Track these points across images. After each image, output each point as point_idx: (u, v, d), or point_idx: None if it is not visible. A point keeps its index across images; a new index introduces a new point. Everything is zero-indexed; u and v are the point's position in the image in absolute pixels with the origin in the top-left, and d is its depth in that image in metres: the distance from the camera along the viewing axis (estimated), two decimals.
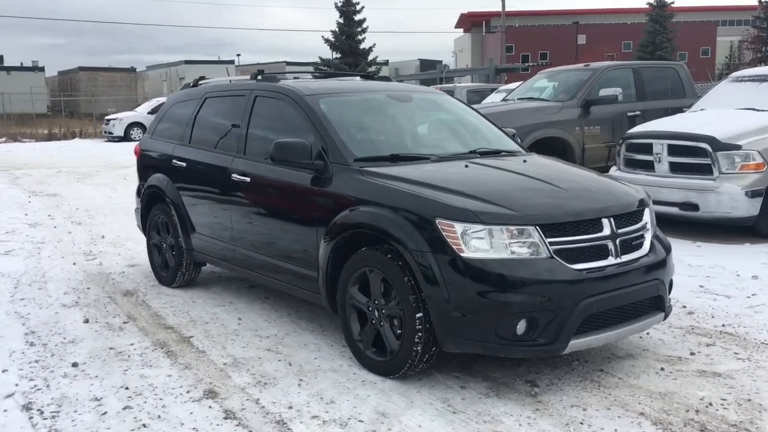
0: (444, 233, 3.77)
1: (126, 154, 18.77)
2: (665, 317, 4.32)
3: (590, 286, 3.81)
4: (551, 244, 3.79)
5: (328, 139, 4.57)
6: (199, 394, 3.95)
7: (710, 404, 3.73)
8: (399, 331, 4.00)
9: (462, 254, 3.73)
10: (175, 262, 6.10)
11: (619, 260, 3.97)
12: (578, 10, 70.25)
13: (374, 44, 40.01)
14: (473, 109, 5.74)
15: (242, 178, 5.14)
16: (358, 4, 39.41)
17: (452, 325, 3.79)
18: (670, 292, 4.44)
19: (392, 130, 5.07)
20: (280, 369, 4.30)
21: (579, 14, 67.65)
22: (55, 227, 9.48)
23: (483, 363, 4.26)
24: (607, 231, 3.97)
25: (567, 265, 3.78)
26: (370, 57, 40.05)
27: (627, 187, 4.53)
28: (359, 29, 39.51)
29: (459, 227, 3.75)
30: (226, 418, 3.65)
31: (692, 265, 6.73)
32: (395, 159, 4.55)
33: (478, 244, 3.74)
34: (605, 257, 3.94)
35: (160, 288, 6.25)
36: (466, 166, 4.51)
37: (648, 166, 8.52)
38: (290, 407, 3.77)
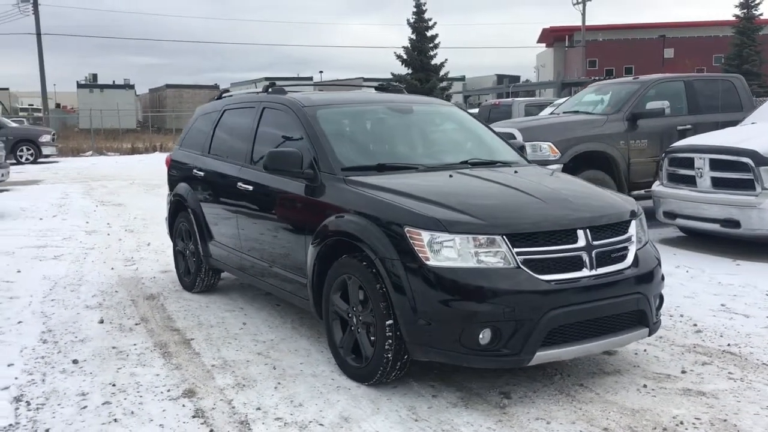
0: (412, 241, 3.80)
1: None
2: (650, 333, 4.20)
3: (558, 298, 3.76)
4: (519, 254, 3.76)
5: (320, 149, 4.68)
6: (178, 393, 4.10)
7: (681, 423, 3.60)
8: (372, 338, 4.05)
9: (428, 262, 3.75)
10: (195, 268, 6.33)
11: (594, 272, 3.90)
12: (665, 24, 68.17)
13: (446, 60, 40.16)
14: (482, 122, 5.73)
15: (246, 186, 5.31)
16: (430, 20, 39.66)
17: (419, 334, 3.81)
18: (659, 307, 4.32)
19: (386, 141, 5.14)
20: (264, 372, 4.41)
21: (666, 27, 65.67)
22: (108, 234, 9.95)
23: (462, 373, 4.25)
24: (581, 242, 3.90)
25: (535, 275, 3.74)
26: (442, 72, 40.11)
27: (614, 199, 4.44)
28: (431, 45, 39.67)
29: (426, 236, 3.77)
30: (194, 417, 3.78)
31: (722, 283, 6.48)
32: (382, 169, 4.61)
33: (445, 252, 3.76)
34: (579, 269, 3.88)
35: (181, 293, 6.48)
36: (451, 176, 4.53)
37: (690, 181, 8.25)
38: (258, 408, 3.87)
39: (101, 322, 5.54)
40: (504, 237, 3.76)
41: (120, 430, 3.62)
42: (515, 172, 4.77)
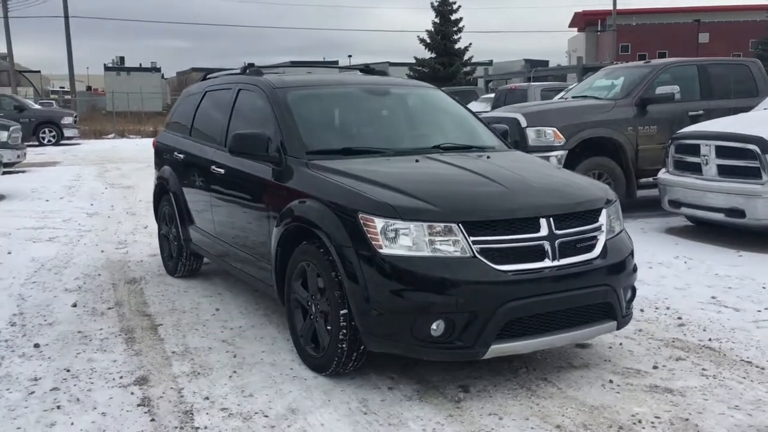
0: (365, 228, 3.66)
1: None
2: (619, 326, 4.02)
3: (516, 289, 3.60)
4: (476, 243, 3.60)
5: (286, 132, 4.56)
6: (131, 380, 4.02)
7: (639, 421, 3.43)
8: (329, 328, 3.93)
9: (380, 250, 3.61)
10: (176, 252, 6.25)
11: (556, 263, 3.72)
12: (701, 7, 66.65)
13: (470, 44, 39.73)
14: (464, 106, 5.53)
15: (218, 170, 5.20)
16: (454, 3, 39.15)
17: (372, 324, 3.68)
18: (631, 299, 4.14)
19: (357, 124, 4.99)
20: (222, 360, 4.32)
21: (701, 11, 64.25)
22: (109, 217, 9.94)
23: (424, 365, 4.10)
24: (544, 231, 3.73)
25: (491, 265, 3.58)
26: (466, 57, 39.66)
27: (586, 187, 4.25)
28: (455, 29, 39.22)
29: (380, 222, 3.63)
30: (139, 405, 3.69)
31: (719, 274, 6.24)
32: (348, 153, 4.47)
33: (398, 240, 3.61)
34: (540, 259, 3.71)
35: (164, 277, 6.42)
36: (417, 161, 4.37)
37: (696, 169, 7.98)
38: (206, 398, 3.77)
39: (74, 305, 5.49)
40: (460, 225, 3.60)
41: (60, 417, 3.55)
42: (488, 157, 4.59)
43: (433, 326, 3.54)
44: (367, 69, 6.10)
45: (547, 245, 3.72)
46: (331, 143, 4.61)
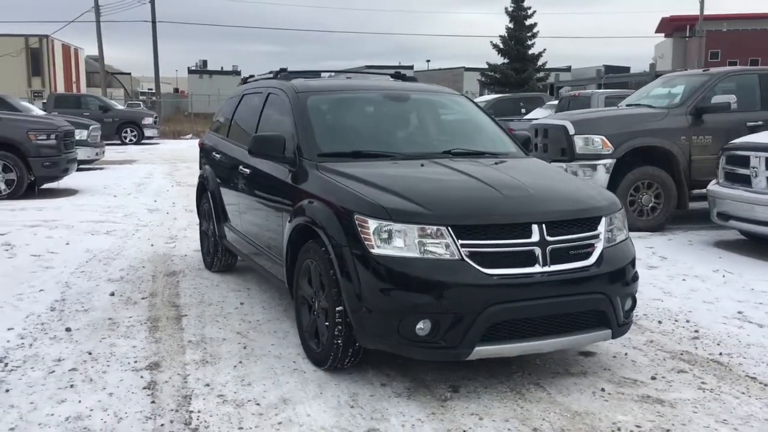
0: (360, 229, 3.81)
1: None
2: (614, 335, 4.02)
3: (502, 293, 3.67)
4: (465, 246, 3.69)
5: (302, 135, 4.74)
6: (143, 365, 4.28)
7: (618, 429, 3.45)
8: (327, 324, 4.08)
9: (372, 250, 3.74)
10: (212, 248, 6.54)
11: (546, 269, 3.77)
12: None
13: (544, 49, 39.25)
14: (486, 114, 5.58)
15: (245, 170, 5.44)
16: (529, 8, 38.78)
17: (363, 321, 3.81)
18: (631, 308, 4.13)
19: (372, 129, 5.13)
20: (233, 351, 4.53)
21: None
22: (167, 213, 10.41)
23: (423, 364, 4.20)
24: (535, 237, 3.78)
25: (479, 268, 3.66)
26: (540, 62, 39.15)
27: (586, 194, 4.25)
28: (529, 34, 38.81)
29: (373, 223, 3.76)
30: (144, 388, 3.94)
31: (755, 290, 6.09)
32: (359, 156, 4.62)
33: (389, 241, 3.74)
34: (530, 264, 3.76)
35: (201, 271, 6.72)
36: (422, 165, 4.49)
37: (745, 181, 7.76)
38: (207, 385, 3.99)
39: (112, 294, 5.83)
40: (449, 228, 3.69)
41: (70, 395, 3.82)
42: (495, 163, 4.66)
43: (420, 326, 3.65)
44: (397, 74, 6.23)
45: (537, 251, 3.77)
46: (342, 147, 4.77)
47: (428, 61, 55.95)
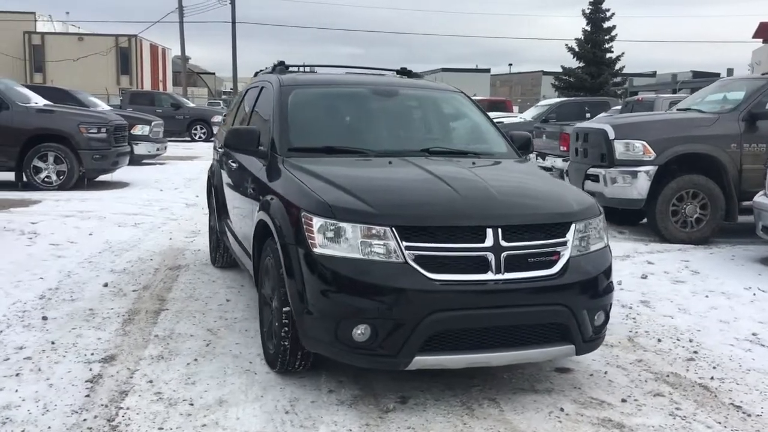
0: (305, 226, 3.63)
1: None
2: (578, 351, 3.71)
3: (446, 300, 3.42)
4: (411, 248, 3.45)
5: (277, 128, 4.61)
6: (99, 357, 4.22)
7: None
8: (276, 324, 3.93)
9: (315, 249, 3.56)
10: (215, 243, 6.49)
11: (499, 276, 3.49)
12: None
13: (622, 53, 37.90)
14: (483, 113, 5.28)
15: (233, 164, 5.35)
16: (608, 10, 37.52)
17: (306, 324, 3.63)
18: (602, 323, 3.80)
19: (350, 124, 4.94)
20: (194, 347, 4.43)
21: None
22: (203, 209, 10.42)
23: (381, 372, 3.97)
24: (488, 242, 3.50)
25: (424, 273, 3.42)
26: (618, 66, 37.87)
27: (556, 199, 3.94)
28: (607, 37, 37.57)
29: (317, 222, 3.58)
30: (87, 381, 3.87)
31: None
32: (330, 151, 4.45)
33: (334, 240, 3.54)
34: (483, 271, 3.49)
35: (206, 266, 6.68)
36: (390, 162, 4.28)
37: None
38: (150, 381, 3.89)
39: (105, 285, 5.84)
40: (393, 229, 3.47)
41: (10, 384, 3.79)
42: (473, 164, 4.39)
43: (358, 331, 3.44)
44: (402, 71, 6.01)
45: (490, 257, 3.50)
46: (314, 142, 4.60)
47: (510, 65, 55.13)
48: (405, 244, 3.45)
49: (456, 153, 4.62)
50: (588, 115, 18.42)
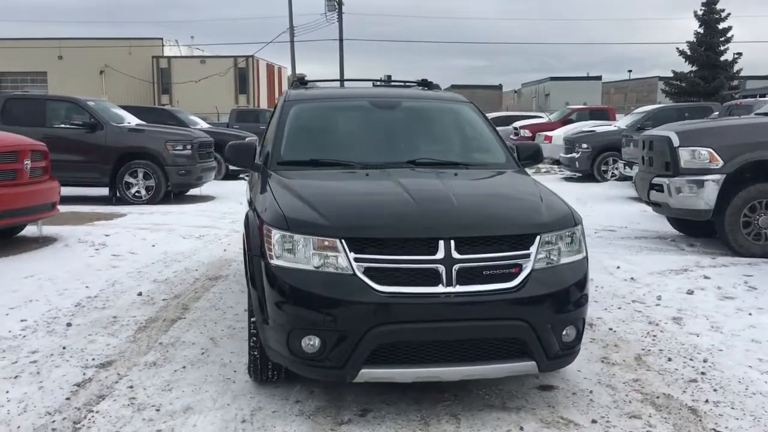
0: (266, 238, 3.71)
1: None
2: (541, 369, 3.56)
3: (393, 313, 3.39)
4: (360, 260, 3.46)
5: (273, 143, 4.74)
6: (97, 363, 4.46)
7: None
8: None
9: (271, 261, 3.63)
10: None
11: (450, 289, 3.42)
12: None
13: (739, 54, 35.59)
14: (489, 124, 5.17)
15: (248, 178, 5.51)
16: (723, 10, 35.40)
17: (265, 334, 3.70)
18: (574, 339, 3.65)
19: (342, 137, 4.98)
20: (188, 356, 4.59)
21: None
22: None
23: (358, 385, 3.95)
24: (440, 255, 3.44)
25: (372, 285, 3.41)
26: (735, 69, 35.63)
27: (523, 209, 3.83)
28: (722, 39, 35.43)
29: (276, 234, 3.65)
30: (75, 385, 4.10)
31: None
32: (316, 164, 4.52)
33: (288, 252, 3.60)
34: (433, 284, 3.43)
35: (243, 277, 6.84)
36: (367, 174, 4.29)
37: None
38: (131, 387, 4.06)
39: (140, 294, 6.14)
40: (343, 241, 3.47)
41: (4, 386, 4.05)
42: (455, 174, 4.33)
43: (308, 342, 3.47)
44: (422, 83, 5.99)
45: (441, 269, 3.43)
46: (304, 155, 4.68)
47: (630, 71, 53.00)
48: (355, 256, 3.45)
49: (444, 164, 4.55)
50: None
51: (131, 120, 13.45)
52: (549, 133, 22.58)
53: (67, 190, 13.04)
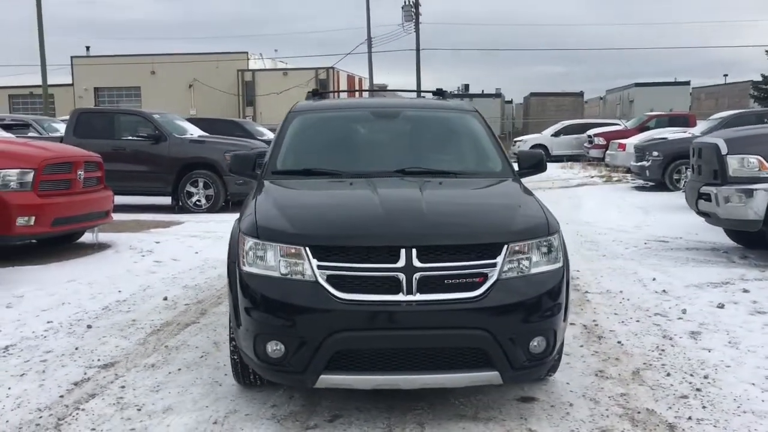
0: (240, 246, 3.81)
1: None
2: (506, 379, 3.52)
3: (351, 320, 3.43)
4: (323, 268, 3.51)
5: (271, 153, 4.85)
6: (101, 364, 4.66)
7: None
8: None
9: (243, 267, 3.73)
10: None
11: (411, 297, 3.42)
12: None
13: None
14: (489, 133, 5.09)
15: None
16: None
17: (239, 339, 3.80)
18: (544, 350, 3.59)
19: (336, 147, 5.01)
20: (188, 358, 4.74)
21: None
22: None
23: (336, 390, 3.99)
24: (401, 263, 3.45)
25: (332, 292, 3.45)
26: None
27: (493, 218, 3.80)
28: None
29: (249, 242, 3.75)
30: (72, 383, 4.30)
31: None
32: (307, 174, 4.61)
33: (259, 259, 3.69)
34: (394, 292, 3.45)
35: None
36: (351, 184, 4.35)
37: None
38: (122, 387, 4.24)
39: (165, 299, 6.37)
40: (307, 249, 3.54)
41: (9, 382, 4.30)
42: (440, 183, 4.33)
43: (273, 347, 3.55)
44: (437, 92, 5.98)
45: (402, 277, 3.44)
46: (298, 165, 4.77)
47: (725, 75, 50.66)
48: (318, 263, 3.51)
49: (435, 173, 4.54)
50: None
51: (194, 131, 13.95)
52: (623, 141, 21.98)
53: (135, 200, 13.74)
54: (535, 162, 4.92)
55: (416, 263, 3.45)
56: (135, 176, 12.98)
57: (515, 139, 31.51)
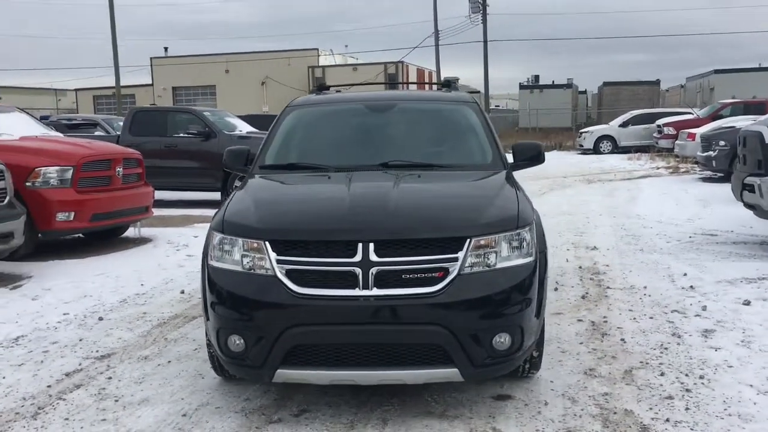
0: (209, 240, 3.84)
1: (572, 165, 19.42)
2: (466, 376, 3.43)
3: (307, 315, 3.41)
4: (284, 262, 3.49)
5: (262, 147, 4.86)
6: (98, 355, 4.79)
7: None
8: None
9: (210, 262, 3.76)
10: None
11: (367, 293, 3.37)
12: None
13: None
14: (486, 125, 4.93)
15: None
16: None
17: (209, 333, 3.83)
18: (510, 348, 3.47)
19: (323, 141, 4.97)
20: (182, 351, 4.81)
21: None
22: None
23: (315, 388, 3.99)
24: (357, 257, 3.40)
25: (290, 287, 3.44)
26: None
27: (458, 211, 3.68)
28: None
29: (216, 236, 3.78)
30: (64, 374, 4.44)
31: None
32: (293, 168, 4.60)
33: (225, 253, 3.70)
34: (351, 287, 3.40)
35: None
36: (329, 177, 4.31)
37: None
38: (110, 378, 4.35)
39: (182, 292, 6.49)
40: (266, 243, 3.53)
41: (6, 371, 4.47)
42: (419, 176, 4.24)
43: (235, 341, 3.56)
44: (446, 83, 5.87)
45: (358, 272, 3.39)
46: (284, 159, 4.76)
47: None
48: (277, 257, 3.50)
49: (417, 166, 4.45)
50: None
51: (243, 128, 14.18)
52: (693, 131, 21.11)
53: (188, 195, 14.08)
54: (532, 154, 4.76)
55: (373, 258, 3.39)
56: (186, 172, 13.31)
57: (580, 131, 30.67)
